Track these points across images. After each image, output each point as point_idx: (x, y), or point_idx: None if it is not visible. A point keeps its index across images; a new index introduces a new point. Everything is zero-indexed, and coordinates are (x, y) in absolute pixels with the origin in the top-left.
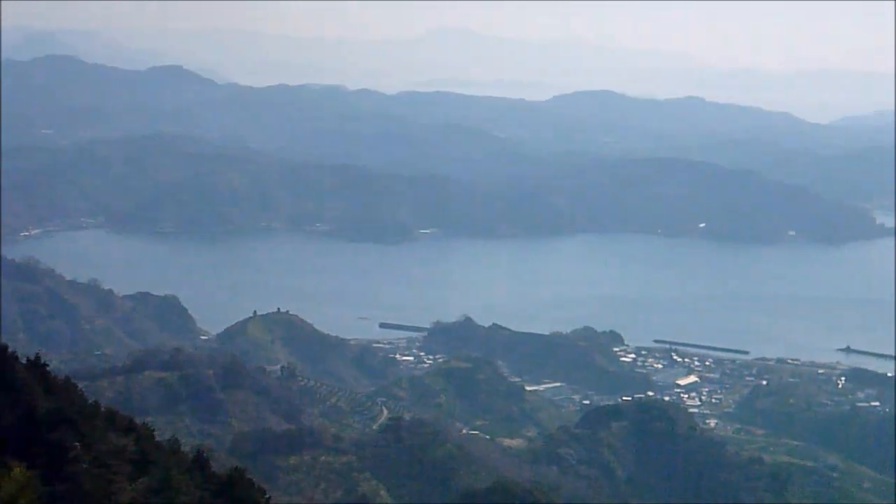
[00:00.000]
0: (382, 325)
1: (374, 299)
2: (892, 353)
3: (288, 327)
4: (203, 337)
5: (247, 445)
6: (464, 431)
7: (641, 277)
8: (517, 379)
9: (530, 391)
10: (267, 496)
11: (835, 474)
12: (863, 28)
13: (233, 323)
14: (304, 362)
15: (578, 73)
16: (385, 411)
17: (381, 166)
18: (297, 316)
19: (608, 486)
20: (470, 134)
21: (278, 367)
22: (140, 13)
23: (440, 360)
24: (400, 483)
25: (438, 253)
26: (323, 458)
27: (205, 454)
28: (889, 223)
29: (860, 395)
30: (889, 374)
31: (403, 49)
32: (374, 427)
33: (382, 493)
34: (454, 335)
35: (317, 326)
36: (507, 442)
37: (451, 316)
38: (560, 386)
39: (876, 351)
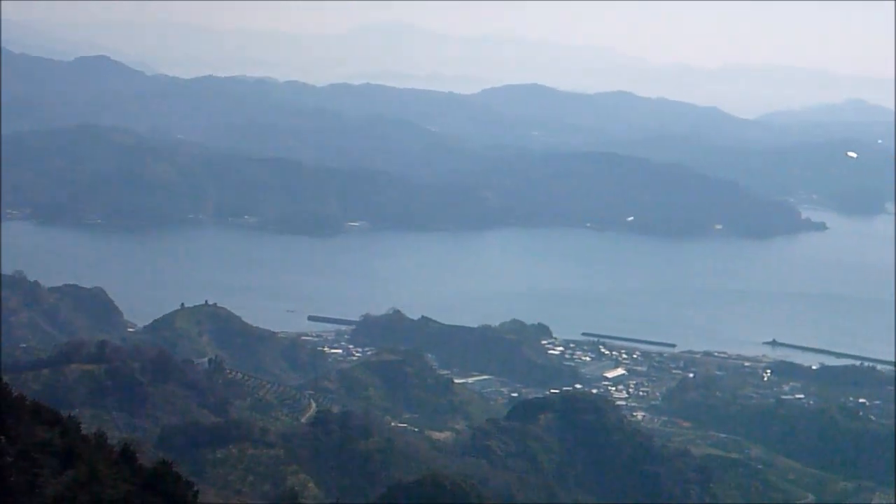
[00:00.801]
0: (311, 318)
1: (302, 292)
2: (817, 347)
3: (216, 320)
4: (130, 329)
5: (174, 439)
6: (392, 424)
7: (570, 271)
8: (446, 372)
9: (459, 384)
10: (194, 490)
11: (760, 466)
12: (790, 24)
13: (160, 315)
14: (233, 355)
15: (509, 68)
16: (313, 404)
17: (311, 159)
18: (225, 309)
19: (536, 479)
20: (400, 127)
21: (206, 359)
22: (66, 3)
23: (369, 352)
24: (328, 476)
25: (368, 246)
26: (251, 451)
27: (132, 447)
28: (814, 218)
29: (785, 387)
30: (814, 367)
31: (334, 43)
32: (303, 420)
33: (311, 486)
34: (383, 328)
35: (245, 319)
36: (435, 435)
37: (381, 309)
38: (489, 379)
39: (801, 344)
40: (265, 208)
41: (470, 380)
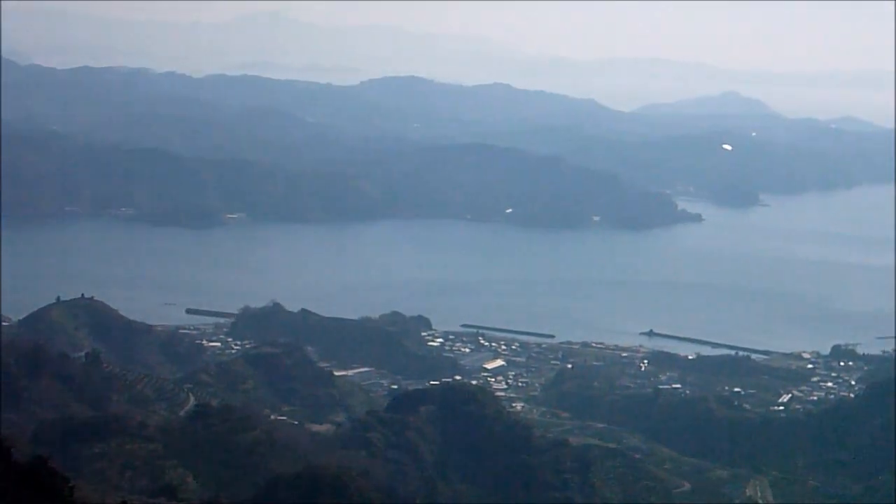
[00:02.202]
0: (189, 311)
1: (180, 285)
2: (694, 337)
3: (92, 313)
4: (4, 323)
5: (50, 434)
6: (272, 417)
7: (450, 262)
8: (326, 364)
9: (339, 376)
10: (70, 484)
11: (637, 455)
12: (666, 18)
13: (35, 309)
14: (110, 349)
15: (388, 60)
16: (192, 398)
17: (188, 150)
18: (101, 302)
19: (416, 470)
20: (278, 118)
21: (82, 353)
22: None
23: (248, 345)
24: (207, 470)
25: (246, 238)
26: (128, 445)
27: (5, 443)
28: (691, 209)
29: (662, 377)
30: (690, 357)
31: (212, 33)
32: (181, 414)
33: (189, 480)
34: (262, 320)
35: (122, 312)
36: (315, 427)
37: (260, 301)
38: (369, 371)
39: (678, 334)
40: (142, 200)
41: (350, 372)
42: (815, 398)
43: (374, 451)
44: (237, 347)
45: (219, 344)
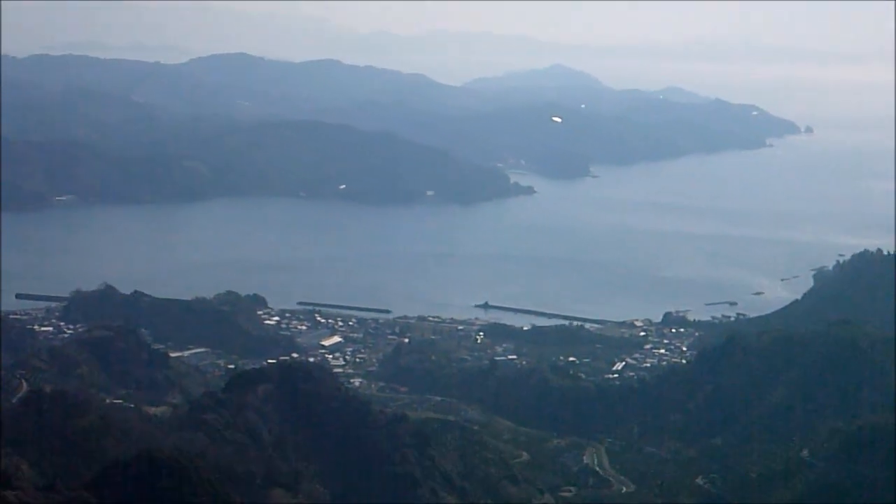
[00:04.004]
0: (19, 296)
1: (9, 269)
2: (528, 308)
3: None
4: None
5: None
6: (107, 401)
7: (284, 240)
8: (161, 346)
9: (174, 358)
10: None
11: (475, 427)
12: None
13: None
14: None
15: (217, 38)
16: (24, 384)
17: (12, 132)
18: None
19: (255, 450)
20: (105, 98)
21: None
22: None
23: (81, 329)
24: (43, 457)
25: (76, 220)
26: None
27: None
28: (522, 182)
29: (498, 349)
30: (525, 328)
31: (34, 12)
32: (14, 400)
33: (24, 467)
34: (95, 304)
35: None
36: (151, 410)
37: (91, 284)
38: (205, 351)
39: (512, 306)
40: None
41: (185, 353)
42: (648, 365)
43: (212, 432)
44: (70, 331)
45: (51, 328)
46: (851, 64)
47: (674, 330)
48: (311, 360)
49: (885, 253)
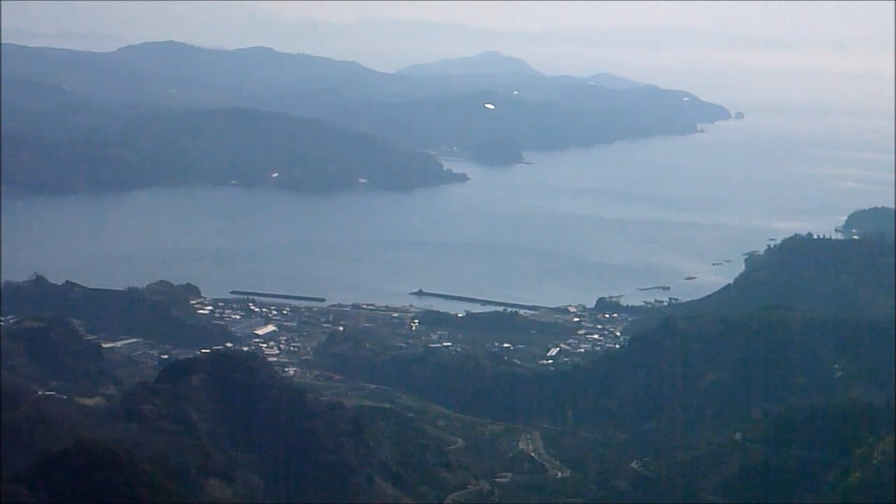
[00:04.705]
0: None
1: None
2: (463, 295)
3: None
4: None
5: None
6: (40, 393)
7: (216, 229)
8: (93, 337)
9: (107, 348)
10: None
11: (411, 415)
12: None
13: None
14: None
15: (147, 26)
16: None
17: None
18: None
19: (190, 440)
20: (32, 87)
21: None
22: None
23: (11, 320)
24: None
25: (4, 210)
26: None
27: None
28: (456, 169)
29: (433, 336)
30: (460, 315)
31: None
32: None
33: None
34: (25, 295)
35: None
36: (85, 401)
37: (21, 275)
38: (138, 342)
39: (447, 293)
40: None
41: (119, 344)
42: (583, 350)
43: (147, 422)
44: (0, 323)
45: None
46: (783, 50)
47: (607, 315)
48: (246, 349)
49: (816, 237)
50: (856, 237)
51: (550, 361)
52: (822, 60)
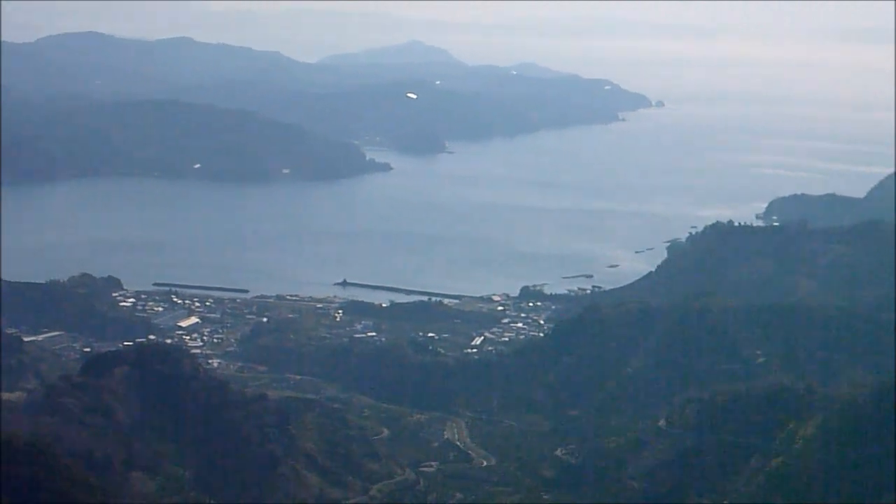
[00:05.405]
0: None
1: None
2: (387, 285)
3: None
4: None
5: None
6: None
7: (138, 220)
8: (14, 330)
9: (28, 342)
10: None
11: (336, 405)
12: None
13: None
14: None
15: (66, 15)
16: None
17: None
18: None
19: (113, 433)
20: None
21: None
22: None
23: None
24: None
25: None
26: None
27: None
28: (379, 159)
29: (358, 326)
30: (384, 305)
31: None
32: None
33: None
34: None
35: None
36: (5, 396)
37: None
38: (60, 335)
39: (371, 283)
40: None
41: (40, 337)
42: (507, 339)
43: (69, 416)
44: None
45: None
46: (704, 38)
47: (531, 304)
48: (169, 341)
49: (737, 224)
50: (776, 223)
51: (475, 350)
52: (742, 49)
